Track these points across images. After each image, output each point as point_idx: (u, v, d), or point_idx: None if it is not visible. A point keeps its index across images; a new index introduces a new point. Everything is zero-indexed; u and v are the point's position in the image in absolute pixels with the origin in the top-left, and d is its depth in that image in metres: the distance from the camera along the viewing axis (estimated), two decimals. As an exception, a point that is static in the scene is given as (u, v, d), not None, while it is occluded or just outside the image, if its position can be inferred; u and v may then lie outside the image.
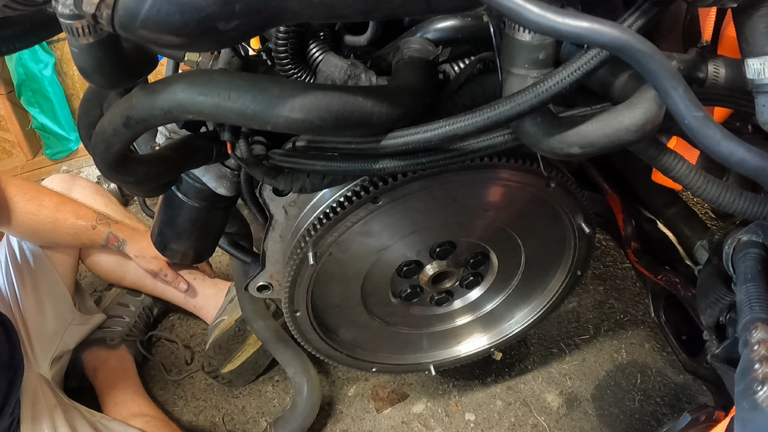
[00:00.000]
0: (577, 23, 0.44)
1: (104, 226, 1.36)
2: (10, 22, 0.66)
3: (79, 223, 1.33)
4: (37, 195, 1.31)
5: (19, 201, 1.28)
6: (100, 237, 1.36)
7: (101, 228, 1.36)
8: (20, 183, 1.32)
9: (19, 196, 1.28)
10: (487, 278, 1.07)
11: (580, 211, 0.96)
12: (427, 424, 1.33)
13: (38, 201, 1.30)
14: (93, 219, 1.35)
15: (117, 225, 1.39)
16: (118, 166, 0.66)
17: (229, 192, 0.88)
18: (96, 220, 1.35)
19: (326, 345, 1.05)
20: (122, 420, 1.25)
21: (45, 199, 1.32)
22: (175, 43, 0.47)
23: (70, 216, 1.32)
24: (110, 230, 1.37)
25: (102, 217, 1.37)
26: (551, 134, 0.59)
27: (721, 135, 0.50)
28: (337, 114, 0.59)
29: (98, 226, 1.35)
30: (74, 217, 1.33)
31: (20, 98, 2.09)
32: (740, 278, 0.72)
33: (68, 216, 1.32)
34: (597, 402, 1.34)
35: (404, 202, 0.84)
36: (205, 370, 1.39)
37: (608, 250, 1.70)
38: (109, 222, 1.37)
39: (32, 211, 1.29)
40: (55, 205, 1.32)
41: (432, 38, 0.73)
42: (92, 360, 1.43)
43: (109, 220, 1.38)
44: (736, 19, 0.55)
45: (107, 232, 1.37)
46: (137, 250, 1.40)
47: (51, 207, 1.31)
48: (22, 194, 1.29)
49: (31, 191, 1.31)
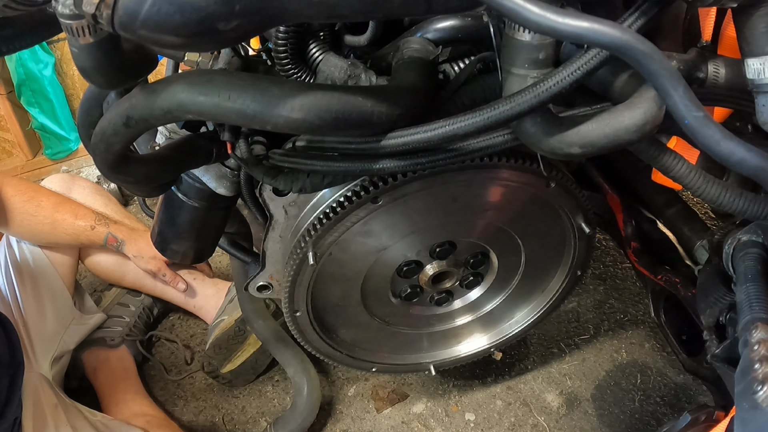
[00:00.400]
0: (577, 23, 0.44)
1: (103, 226, 1.36)
2: (10, 22, 0.66)
3: (78, 223, 1.33)
4: (35, 195, 1.31)
5: (17, 202, 1.28)
6: (99, 237, 1.36)
7: (100, 228, 1.36)
8: (17, 183, 1.31)
9: (17, 196, 1.28)
10: (487, 278, 1.07)
11: (580, 211, 0.96)
12: (427, 424, 1.33)
13: (36, 201, 1.30)
14: (92, 219, 1.35)
15: (116, 225, 1.39)
16: (118, 166, 0.66)
17: (229, 192, 0.88)
18: (95, 220, 1.35)
19: (326, 345, 1.05)
20: (123, 420, 1.25)
21: (43, 199, 1.31)
22: (175, 43, 0.47)
23: (68, 216, 1.32)
24: (109, 230, 1.37)
25: (101, 217, 1.37)
26: (551, 134, 0.59)
27: (721, 135, 0.50)
28: (337, 114, 0.59)
29: (97, 226, 1.35)
30: (73, 217, 1.33)
31: (20, 98, 2.08)
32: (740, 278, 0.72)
33: (67, 216, 1.32)
34: (597, 402, 1.34)
35: (404, 202, 0.84)
36: (205, 370, 1.39)
37: (608, 250, 1.70)
38: (107, 222, 1.37)
39: (30, 211, 1.29)
40: (54, 205, 1.32)
41: (432, 38, 0.73)
42: (92, 360, 1.43)
43: (108, 221, 1.38)
44: (736, 19, 0.55)
45: (106, 233, 1.36)
46: (135, 250, 1.40)
47: (49, 207, 1.31)
48: (20, 194, 1.29)
49: (28, 191, 1.31)
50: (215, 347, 1.36)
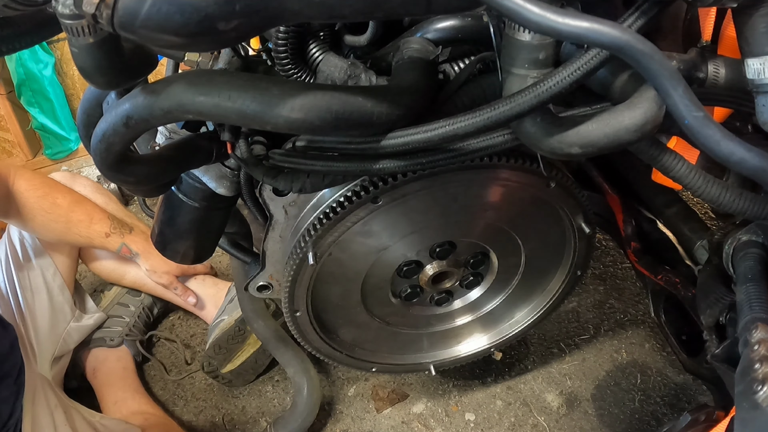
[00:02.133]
0: (577, 23, 0.44)
1: (118, 236, 1.36)
2: (10, 22, 0.66)
3: (93, 227, 1.33)
4: (51, 192, 1.28)
5: (31, 197, 1.25)
6: (113, 246, 1.37)
7: (115, 238, 1.35)
8: (31, 177, 1.29)
9: (31, 191, 1.26)
10: (487, 278, 1.07)
11: (580, 211, 0.96)
12: (427, 424, 1.33)
13: (51, 199, 1.28)
14: (107, 226, 1.34)
15: (131, 236, 1.38)
16: (118, 167, 0.66)
17: (229, 192, 0.88)
18: (110, 227, 1.35)
19: (326, 345, 1.05)
20: (122, 419, 1.25)
21: (59, 197, 1.29)
22: (175, 43, 0.47)
23: (84, 218, 1.31)
24: (124, 242, 1.37)
25: (116, 224, 1.36)
26: (551, 134, 0.59)
27: (721, 135, 0.50)
28: (337, 114, 0.59)
29: (112, 235, 1.35)
30: (88, 220, 1.32)
31: (20, 98, 2.08)
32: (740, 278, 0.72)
33: (82, 218, 1.31)
34: (597, 402, 1.34)
35: (404, 202, 0.84)
36: (205, 370, 1.39)
37: (608, 250, 1.70)
38: (122, 232, 1.37)
39: (45, 208, 1.27)
40: (69, 204, 1.30)
41: (432, 38, 0.73)
42: (92, 360, 1.44)
43: (123, 230, 1.37)
44: (736, 19, 0.55)
45: (120, 243, 1.36)
46: (150, 265, 1.41)
47: (65, 206, 1.29)
48: (34, 189, 1.26)
49: (43, 187, 1.28)
50: (215, 347, 1.36)
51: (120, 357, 1.44)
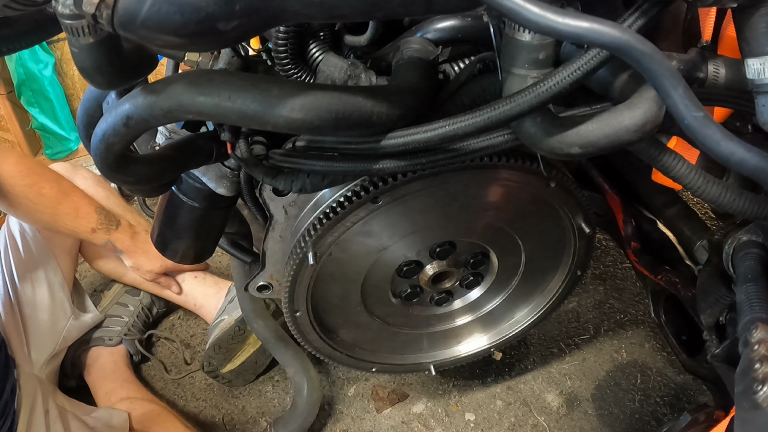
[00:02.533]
0: (577, 23, 0.44)
1: (104, 232, 1.34)
2: (10, 22, 0.66)
3: (80, 222, 1.30)
4: (38, 181, 1.24)
5: (17, 184, 1.21)
6: (99, 241, 1.35)
7: (101, 234, 1.34)
8: (17, 161, 1.23)
9: (17, 178, 1.21)
10: (487, 278, 1.07)
11: (580, 211, 0.96)
12: (427, 424, 1.33)
13: (38, 189, 1.24)
14: (94, 221, 1.32)
15: (117, 233, 1.36)
16: (118, 167, 0.66)
17: (229, 192, 0.88)
18: (97, 223, 1.32)
19: (326, 345, 1.05)
20: (110, 407, 1.25)
21: (45, 186, 1.25)
22: (175, 43, 0.47)
23: (70, 212, 1.29)
24: (109, 239, 1.35)
25: (103, 219, 1.34)
26: (551, 134, 0.59)
27: (721, 135, 0.50)
28: (337, 114, 0.59)
29: (98, 231, 1.33)
30: (74, 214, 1.29)
31: (20, 98, 2.08)
32: (740, 278, 0.72)
33: (69, 211, 1.28)
34: (597, 402, 1.34)
35: (404, 202, 0.84)
36: (205, 369, 1.39)
37: (608, 250, 1.70)
38: (109, 229, 1.35)
39: (31, 197, 1.23)
40: (56, 196, 1.26)
41: (432, 38, 0.73)
42: (88, 359, 1.44)
43: (110, 226, 1.35)
44: (736, 19, 0.55)
45: (105, 240, 1.35)
46: (133, 263, 1.41)
47: (51, 198, 1.25)
48: (21, 177, 1.22)
49: (30, 175, 1.23)
50: (215, 347, 1.36)
51: (113, 353, 1.44)
